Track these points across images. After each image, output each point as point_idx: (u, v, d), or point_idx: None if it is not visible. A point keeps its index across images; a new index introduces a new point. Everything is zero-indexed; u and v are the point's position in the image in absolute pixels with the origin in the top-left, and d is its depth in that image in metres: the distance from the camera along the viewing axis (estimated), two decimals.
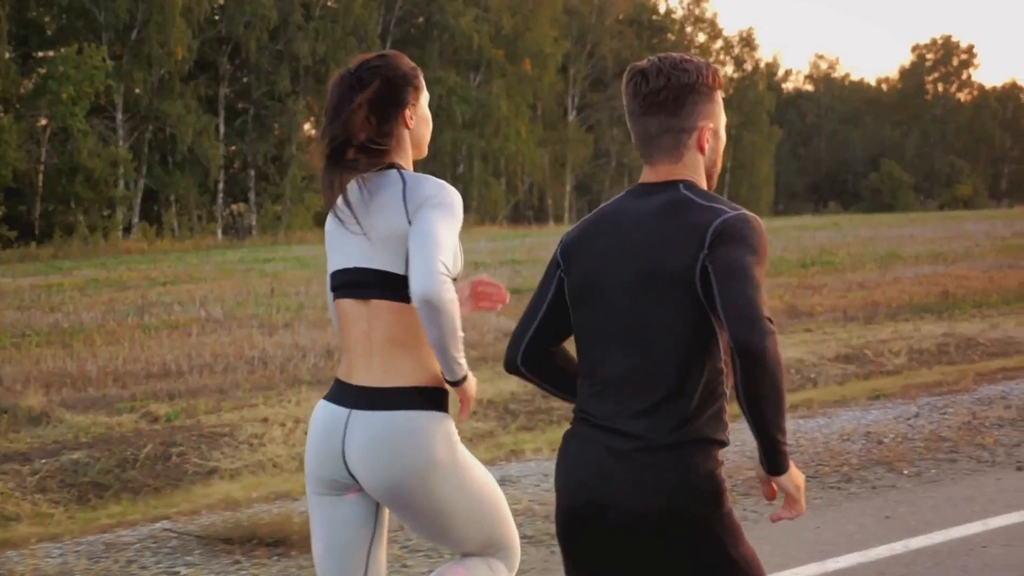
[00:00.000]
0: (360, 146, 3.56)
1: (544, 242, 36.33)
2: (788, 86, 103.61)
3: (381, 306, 3.49)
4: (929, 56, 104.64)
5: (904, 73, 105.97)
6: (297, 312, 17.54)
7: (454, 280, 3.45)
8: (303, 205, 52.39)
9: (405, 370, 3.48)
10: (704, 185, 3.16)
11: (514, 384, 11.15)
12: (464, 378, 3.47)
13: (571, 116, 70.94)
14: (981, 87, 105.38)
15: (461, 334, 3.39)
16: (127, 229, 47.35)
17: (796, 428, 9.24)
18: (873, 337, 14.02)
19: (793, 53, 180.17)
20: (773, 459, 2.90)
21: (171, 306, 18.33)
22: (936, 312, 16.39)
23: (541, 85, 65.41)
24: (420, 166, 3.76)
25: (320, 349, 13.69)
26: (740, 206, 3.04)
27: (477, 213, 62.39)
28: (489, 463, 8.61)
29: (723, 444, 3.03)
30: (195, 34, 49.42)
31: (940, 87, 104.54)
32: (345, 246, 3.57)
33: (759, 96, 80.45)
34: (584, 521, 3.11)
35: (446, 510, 3.52)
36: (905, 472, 7.97)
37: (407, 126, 3.63)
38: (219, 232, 51.85)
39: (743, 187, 78.30)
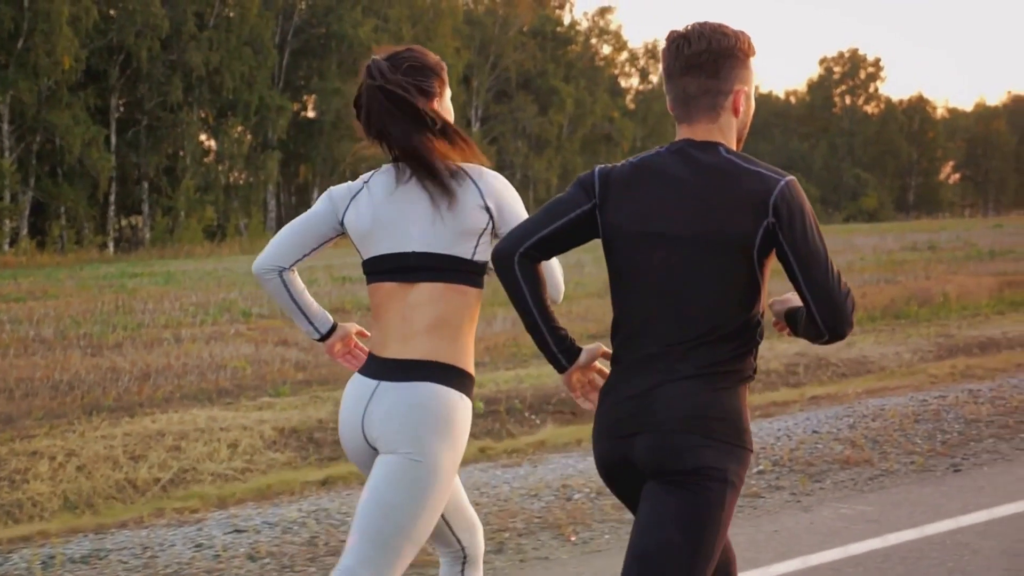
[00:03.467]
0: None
1: None
2: None
3: (431, 289, 3.62)
4: (836, 69, 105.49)
5: (812, 86, 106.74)
6: (134, 331, 16.72)
7: None
8: (195, 217, 51.42)
9: (440, 349, 3.59)
10: (734, 145, 3.35)
11: (324, 411, 10.56)
12: None
13: (474, 127, 70.41)
14: (888, 100, 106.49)
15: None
16: (13, 242, 46.12)
17: (491, 479, 8.19)
18: None
19: None
20: None
21: (3, 325, 17.44)
22: None
23: None
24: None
25: (138, 372, 12.95)
26: (776, 168, 3.24)
27: None
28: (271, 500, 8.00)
29: (750, 378, 3.29)
30: (83, 43, 48.29)
31: (848, 100, 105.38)
32: (395, 232, 3.68)
33: (665, 108, 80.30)
34: (615, 459, 3.30)
35: (430, 470, 3.53)
36: (572, 539, 6.85)
37: None
38: (111, 245, 50.73)
39: None
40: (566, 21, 79.46)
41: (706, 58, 3.27)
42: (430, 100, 3.73)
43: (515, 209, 3.71)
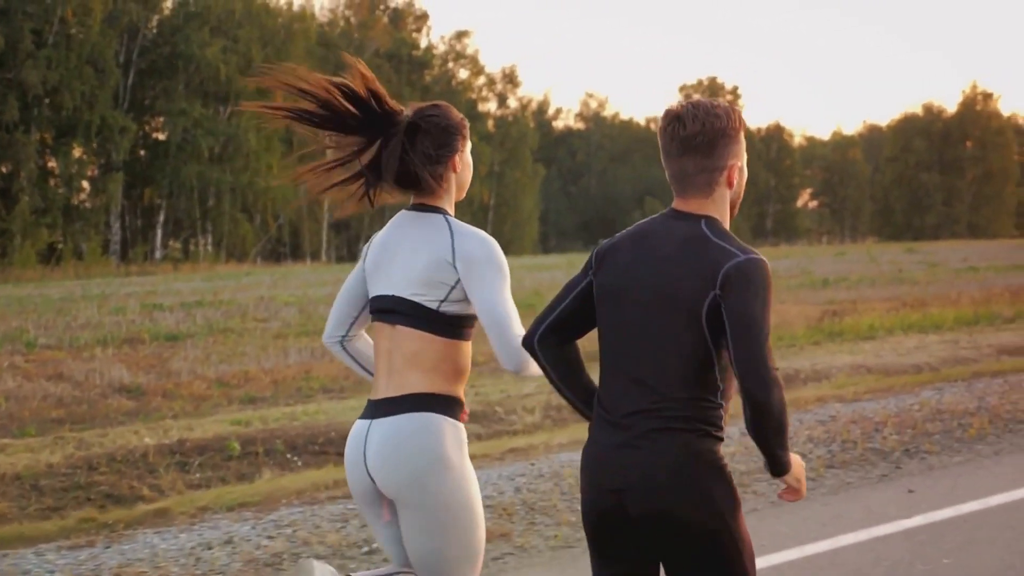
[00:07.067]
0: (417, 183, 3.96)
1: (258, 281, 34.78)
2: (559, 124, 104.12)
3: (404, 332, 3.85)
4: (696, 96, 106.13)
5: None
6: None
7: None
8: (31, 241, 49.80)
9: (417, 382, 3.82)
10: (727, 216, 3.54)
11: (59, 455, 9.71)
12: None
13: (328, 151, 69.42)
14: (746, 128, 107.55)
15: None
16: None
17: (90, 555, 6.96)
18: (516, 391, 12.86)
19: (564, 91, 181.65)
20: (776, 469, 3.39)
21: None
22: None
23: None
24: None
25: None
26: (749, 247, 3.36)
27: (226, 251, 60.61)
28: None
29: (720, 439, 3.42)
30: None
31: None
32: (385, 275, 3.95)
33: (522, 133, 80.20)
34: (606, 512, 3.43)
35: (449, 509, 3.76)
36: None
37: (455, 170, 4.01)
38: None
39: (507, 224, 77.93)
40: (423, 44, 78.93)
41: (701, 140, 3.44)
42: (453, 155, 3.98)
43: (485, 278, 3.83)
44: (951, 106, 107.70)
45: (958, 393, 11.82)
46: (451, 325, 3.86)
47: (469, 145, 4.10)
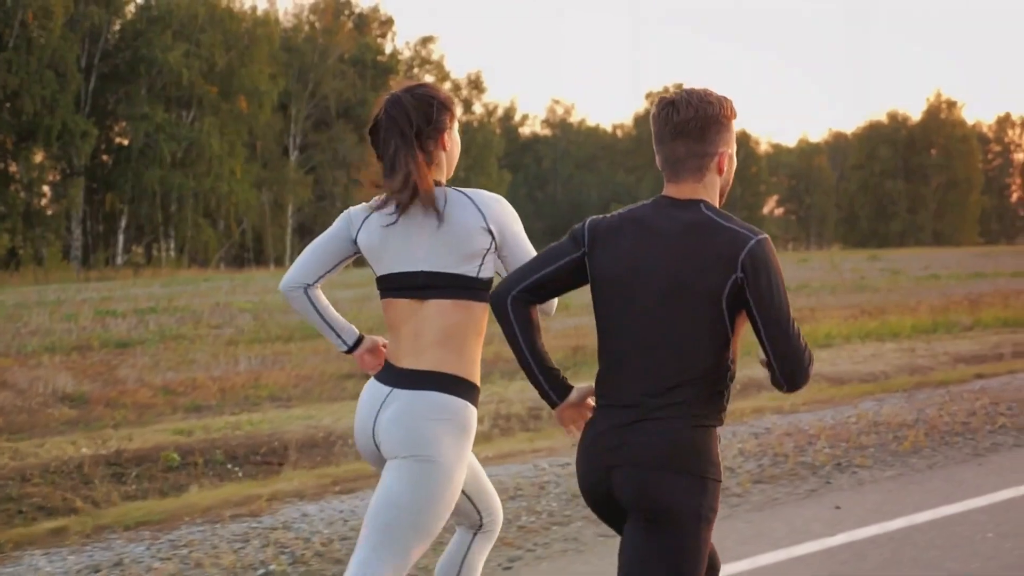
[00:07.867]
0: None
1: (217, 286, 34.50)
2: (525, 130, 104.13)
3: (439, 306, 3.93)
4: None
5: (638, 120, 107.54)
6: None
7: None
8: None
9: (448, 360, 3.91)
10: (716, 202, 3.61)
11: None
12: None
13: (292, 156, 69.20)
14: (737, 119, 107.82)
15: None
16: None
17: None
18: None
19: (531, 98, 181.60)
20: None
21: None
22: (562, 369, 15.05)
23: (257, 123, 63.62)
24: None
25: None
26: (752, 225, 3.49)
27: (188, 256, 60.33)
28: None
29: (719, 423, 3.53)
30: None
31: None
32: (401, 252, 3.98)
33: (488, 139, 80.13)
34: (598, 490, 3.55)
35: (435, 471, 3.81)
36: None
37: (444, 148, 4.08)
38: None
39: None
40: (387, 50, 78.81)
41: (694, 125, 3.54)
42: (443, 132, 4.04)
43: (516, 232, 4.01)
44: (916, 114, 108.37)
45: (897, 404, 11.72)
46: (483, 289, 3.98)
47: (457, 123, 4.17)
